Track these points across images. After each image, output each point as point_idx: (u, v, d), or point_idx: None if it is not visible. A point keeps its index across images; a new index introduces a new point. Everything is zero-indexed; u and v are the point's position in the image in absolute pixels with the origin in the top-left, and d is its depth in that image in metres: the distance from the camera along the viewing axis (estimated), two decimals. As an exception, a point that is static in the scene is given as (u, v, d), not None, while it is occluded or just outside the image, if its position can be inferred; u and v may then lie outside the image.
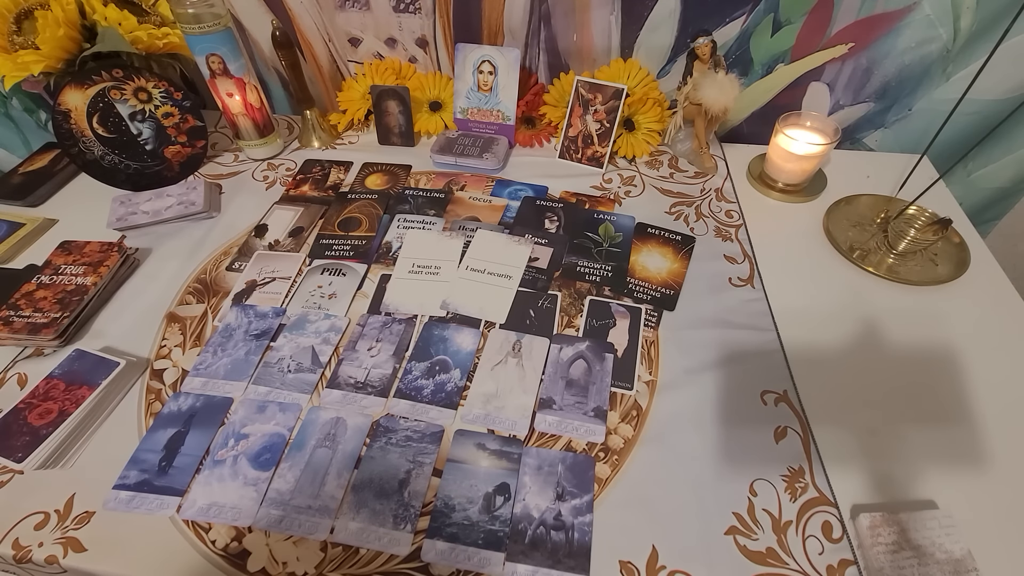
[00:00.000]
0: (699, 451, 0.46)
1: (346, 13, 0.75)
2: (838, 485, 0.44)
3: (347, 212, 0.68)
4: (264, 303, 0.58)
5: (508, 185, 0.73)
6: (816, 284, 0.60)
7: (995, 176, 0.78)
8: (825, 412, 0.48)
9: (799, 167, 0.68)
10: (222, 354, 0.53)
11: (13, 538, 0.41)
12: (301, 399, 0.49)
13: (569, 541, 0.41)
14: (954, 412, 0.48)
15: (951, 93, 0.70)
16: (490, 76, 0.75)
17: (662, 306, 0.57)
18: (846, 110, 0.76)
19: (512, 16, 0.73)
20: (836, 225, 0.66)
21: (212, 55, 0.67)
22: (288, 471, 0.44)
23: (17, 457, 0.44)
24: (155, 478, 0.44)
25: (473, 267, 0.60)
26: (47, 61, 0.64)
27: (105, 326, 0.56)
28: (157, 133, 0.70)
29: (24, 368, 0.53)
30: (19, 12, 0.65)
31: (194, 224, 0.68)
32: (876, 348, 0.53)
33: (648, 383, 0.51)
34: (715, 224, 0.67)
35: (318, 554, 0.40)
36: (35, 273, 0.58)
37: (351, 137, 0.83)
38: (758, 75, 0.75)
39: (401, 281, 0.59)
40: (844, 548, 0.40)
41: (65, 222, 0.69)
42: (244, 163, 0.78)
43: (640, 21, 0.71)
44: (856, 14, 0.67)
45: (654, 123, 0.76)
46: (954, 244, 0.63)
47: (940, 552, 0.39)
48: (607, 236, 0.65)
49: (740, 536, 0.41)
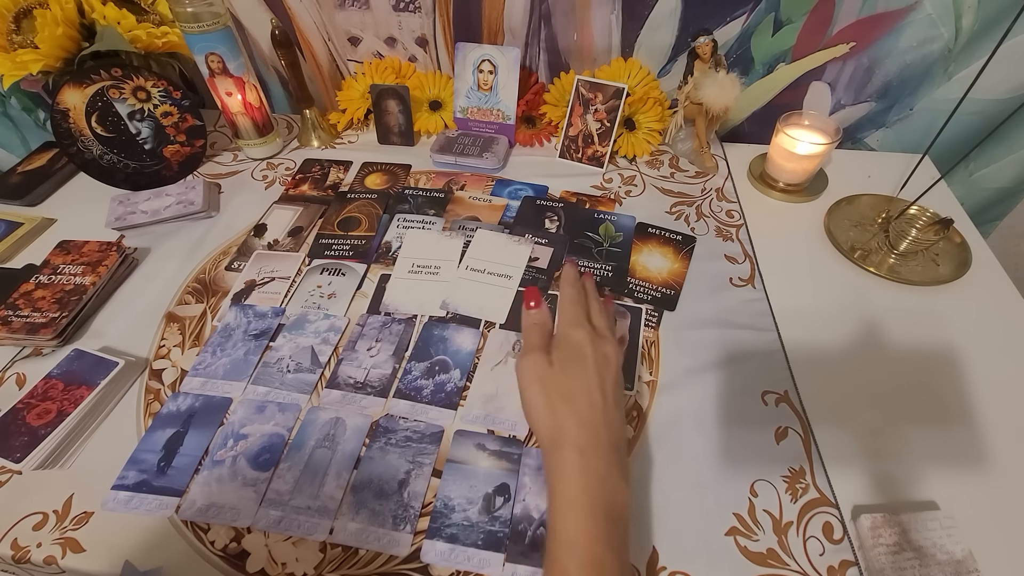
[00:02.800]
0: (699, 451, 0.46)
1: (346, 12, 0.75)
2: (839, 486, 0.44)
3: (346, 212, 0.68)
4: (263, 303, 0.57)
5: (508, 185, 0.73)
6: (817, 284, 0.60)
7: (997, 176, 0.77)
8: (826, 412, 0.48)
9: (800, 167, 0.68)
10: (221, 354, 0.53)
11: (12, 539, 0.41)
12: (300, 399, 0.49)
13: (569, 542, 0.40)
14: (955, 413, 0.48)
15: (953, 93, 0.70)
16: (490, 75, 0.75)
17: (663, 306, 0.57)
18: (847, 110, 0.76)
19: (512, 15, 0.73)
20: (837, 225, 0.65)
21: (211, 54, 0.66)
22: (287, 471, 0.44)
23: (15, 457, 0.44)
24: (154, 478, 0.44)
25: (473, 267, 0.60)
26: (46, 60, 0.64)
27: (104, 326, 0.56)
28: (156, 132, 0.70)
29: (23, 368, 0.52)
30: (18, 11, 0.65)
31: (193, 224, 0.68)
32: (877, 348, 0.53)
33: (648, 383, 0.51)
34: (716, 224, 0.67)
35: (317, 555, 0.40)
36: (33, 273, 0.58)
37: (350, 136, 0.83)
38: (759, 74, 0.74)
39: (401, 281, 0.59)
40: (845, 549, 0.40)
41: (63, 222, 0.69)
42: (243, 162, 0.78)
43: (641, 20, 0.71)
44: (857, 13, 0.66)
45: (655, 122, 0.75)
46: (956, 244, 0.63)
47: (941, 553, 0.39)
48: (607, 236, 0.65)
49: (741, 537, 0.41)
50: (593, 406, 0.35)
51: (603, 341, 0.38)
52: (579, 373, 0.36)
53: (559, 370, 0.37)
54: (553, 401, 0.36)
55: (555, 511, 0.32)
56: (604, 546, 0.30)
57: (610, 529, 0.31)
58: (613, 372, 0.37)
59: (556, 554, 0.31)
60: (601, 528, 0.31)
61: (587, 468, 0.33)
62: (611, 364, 0.37)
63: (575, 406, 0.35)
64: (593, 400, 0.35)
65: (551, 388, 0.36)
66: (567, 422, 0.34)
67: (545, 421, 0.36)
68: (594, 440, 0.34)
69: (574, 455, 0.33)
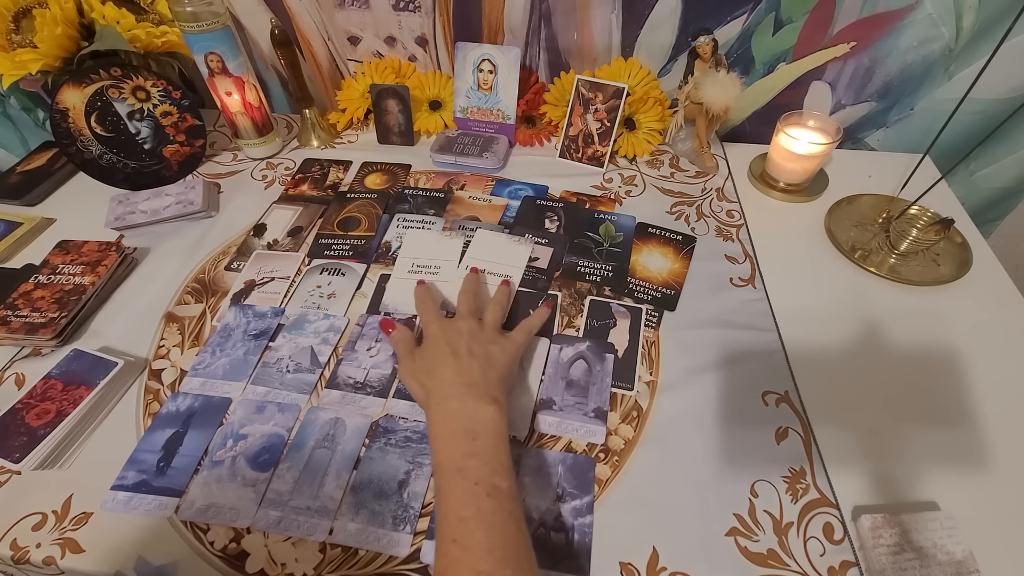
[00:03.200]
0: (700, 452, 0.46)
1: (345, 11, 0.75)
2: (839, 486, 0.44)
3: (346, 211, 0.68)
4: (263, 303, 0.57)
5: (508, 184, 0.73)
6: (818, 284, 0.60)
7: (997, 176, 0.77)
8: (826, 413, 0.48)
9: (801, 167, 0.68)
10: (220, 354, 0.52)
11: (11, 539, 0.41)
12: (300, 399, 0.49)
13: (569, 542, 0.40)
14: (956, 413, 0.48)
15: (953, 92, 0.70)
16: (490, 75, 0.75)
17: (663, 306, 0.57)
18: (848, 109, 0.76)
19: (512, 15, 0.72)
20: (838, 225, 0.65)
21: (211, 54, 0.66)
22: (287, 472, 0.44)
23: (15, 457, 0.44)
24: (153, 479, 0.44)
25: (473, 267, 0.60)
26: (45, 59, 0.64)
27: (103, 326, 0.56)
28: (155, 132, 0.70)
29: (22, 368, 0.52)
30: (17, 10, 0.65)
31: (192, 223, 0.68)
32: (878, 348, 0.53)
33: (649, 383, 0.51)
34: (716, 224, 0.67)
35: (317, 555, 0.40)
36: (33, 273, 0.58)
37: (350, 136, 0.83)
38: (759, 74, 0.74)
39: (401, 281, 0.59)
40: (845, 549, 0.40)
41: (63, 221, 0.69)
42: (243, 162, 0.78)
43: (641, 20, 0.71)
44: (858, 13, 0.66)
45: (655, 122, 0.75)
46: (956, 244, 0.63)
47: (942, 553, 0.39)
48: (607, 236, 0.65)
49: (741, 537, 0.41)
50: (446, 367, 0.44)
51: (453, 322, 0.49)
52: (434, 351, 0.46)
53: (420, 359, 0.46)
54: (420, 380, 0.45)
55: (430, 449, 0.40)
56: (465, 456, 0.38)
57: (471, 442, 0.38)
58: (464, 339, 0.46)
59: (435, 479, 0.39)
60: (461, 444, 0.38)
61: (443, 409, 0.41)
62: (462, 333, 0.46)
63: (435, 374, 0.44)
64: (446, 363, 0.44)
65: (419, 372, 0.45)
66: (431, 386, 0.43)
67: (419, 395, 0.45)
68: (448, 387, 0.42)
69: (433, 406, 0.42)
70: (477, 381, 0.42)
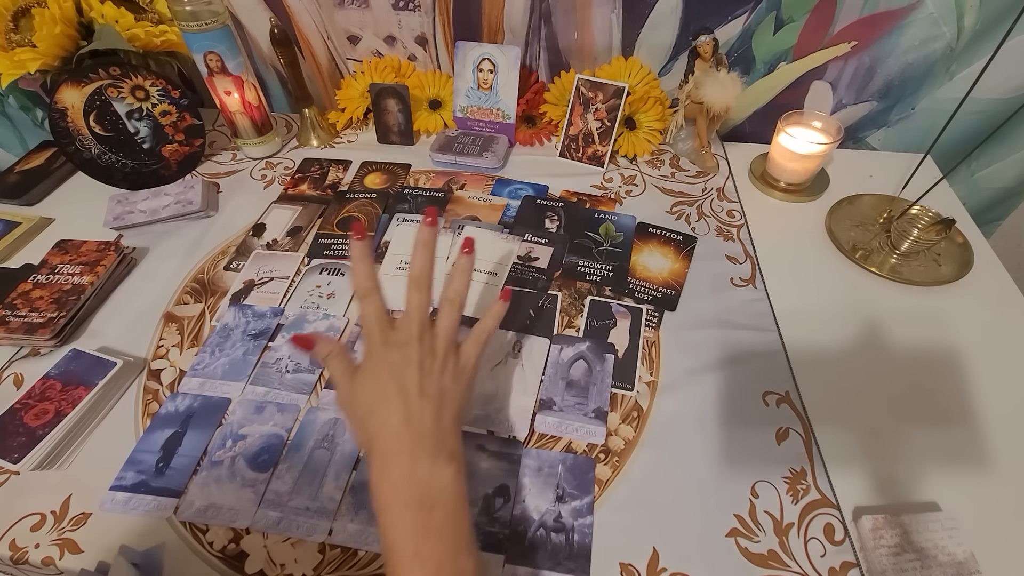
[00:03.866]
0: (700, 452, 0.46)
1: (345, 11, 0.75)
2: (840, 487, 0.43)
3: (346, 211, 0.68)
4: (262, 303, 0.57)
5: (508, 184, 0.73)
6: (818, 284, 0.60)
7: (999, 176, 0.77)
8: (827, 413, 0.48)
9: (801, 166, 0.68)
10: (220, 354, 0.52)
11: (10, 539, 0.41)
12: (299, 400, 0.49)
13: (569, 543, 0.40)
14: (957, 413, 0.48)
15: (954, 92, 0.70)
16: (490, 74, 0.74)
17: (663, 306, 0.57)
18: (849, 109, 0.76)
19: (512, 14, 0.72)
20: (839, 225, 0.65)
21: (210, 53, 0.66)
22: (286, 472, 0.44)
23: (13, 458, 0.44)
24: (152, 479, 0.44)
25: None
26: (44, 59, 0.63)
27: (102, 326, 0.56)
28: (154, 131, 0.70)
29: (20, 368, 0.52)
30: (16, 10, 0.64)
31: (192, 223, 0.68)
32: (879, 349, 0.53)
33: (649, 384, 0.50)
34: (717, 224, 0.67)
35: (316, 556, 0.40)
36: (31, 272, 0.57)
37: (350, 136, 0.83)
38: (760, 73, 0.74)
39: (388, 278, 0.59)
40: (846, 550, 0.40)
41: (62, 221, 0.69)
42: (242, 162, 0.78)
43: (641, 19, 0.70)
44: (859, 12, 0.66)
45: (655, 122, 0.75)
46: (957, 244, 0.62)
47: (943, 554, 0.39)
48: (608, 236, 0.64)
49: (741, 538, 0.41)
50: (391, 409, 0.36)
51: (400, 341, 0.38)
52: (376, 383, 0.37)
53: (361, 390, 0.38)
54: (361, 418, 0.37)
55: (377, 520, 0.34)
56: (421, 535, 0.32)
57: (427, 516, 0.32)
58: (415, 371, 0.37)
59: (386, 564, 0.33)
60: (415, 519, 0.32)
61: (390, 473, 0.34)
62: (411, 362, 0.37)
63: (377, 417, 0.36)
64: (391, 404, 0.36)
65: (359, 407, 0.37)
66: (374, 432, 0.36)
67: (358, 438, 0.38)
68: (393, 440, 0.35)
69: (377, 462, 0.35)
70: (429, 431, 0.35)
